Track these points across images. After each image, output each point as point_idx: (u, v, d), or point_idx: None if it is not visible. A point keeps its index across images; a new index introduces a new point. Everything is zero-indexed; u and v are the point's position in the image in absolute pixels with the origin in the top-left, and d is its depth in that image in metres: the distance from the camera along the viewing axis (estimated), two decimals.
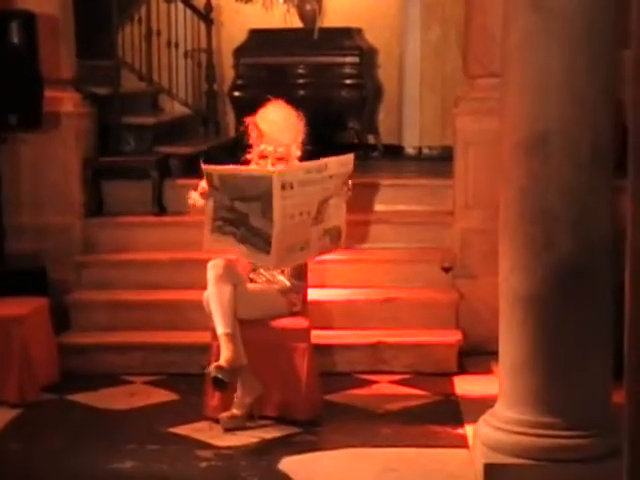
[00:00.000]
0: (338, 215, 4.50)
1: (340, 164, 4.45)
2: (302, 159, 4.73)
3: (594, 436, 3.81)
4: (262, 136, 4.71)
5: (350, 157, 4.47)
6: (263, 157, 4.72)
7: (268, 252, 4.31)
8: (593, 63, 3.79)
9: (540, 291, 3.83)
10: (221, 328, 4.51)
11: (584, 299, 3.84)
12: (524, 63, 3.84)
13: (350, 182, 4.52)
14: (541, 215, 3.82)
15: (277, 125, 4.72)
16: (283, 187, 4.22)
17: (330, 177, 4.39)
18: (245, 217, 4.32)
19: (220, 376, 4.40)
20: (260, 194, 4.24)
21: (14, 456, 4.42)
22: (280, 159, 4.69)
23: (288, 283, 4.82)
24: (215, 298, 4.53)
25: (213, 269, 4.58)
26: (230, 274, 4.58)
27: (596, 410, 3.85)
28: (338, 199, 4.48)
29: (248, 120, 4.79)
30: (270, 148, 4.69)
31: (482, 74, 5.68)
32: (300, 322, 4.79)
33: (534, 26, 3.80)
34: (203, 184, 4.48)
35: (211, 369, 4.43)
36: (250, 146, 4.80)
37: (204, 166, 4.40)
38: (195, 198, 4.58)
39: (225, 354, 4.46)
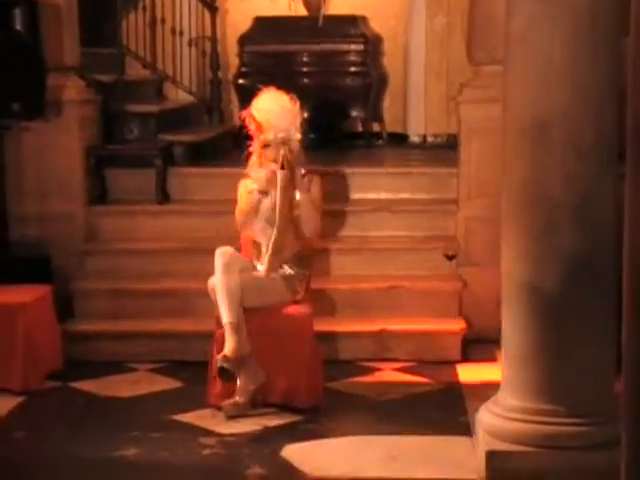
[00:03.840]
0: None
1: None
2: (305, 145, 4.78)
3: (596, 424, 3.80)
4: (261, 126, 4.75)
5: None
6: (266, 146, 4.75)
7: None
8: (597, 51, 3.77)
9: (543, 279, 3.82)
10: (226, 317, 4.53)
11: (587, 287, 3.83)
12: (527, 50, 3.82)
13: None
14: (544, 203, 3.81)
15: (273, 112, 4.77)
16: None
17: None
18: None
19: (226, 366, 4.44)
20: None
21: (18, 443, 4.44)
22: (283, 144, 4.71)
23: (291, 271, 4.82)
24: (221, 287, 4.55)
25: (221, 257, 4.60)
26: (237, 262, 4.61)
27: (598, 398, 3.85)
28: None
29: (244, 113, 4.84)
30: (270, 136, 4.73)
31: (486, 62, 5.66)
32: (303, 310, 4.79)
33: (537, 13, 3.77)
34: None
35: (217, 359, 4.45)
36: (251, 138, 4.84)
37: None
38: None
39: (230, 344, 4.49)
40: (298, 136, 4.81)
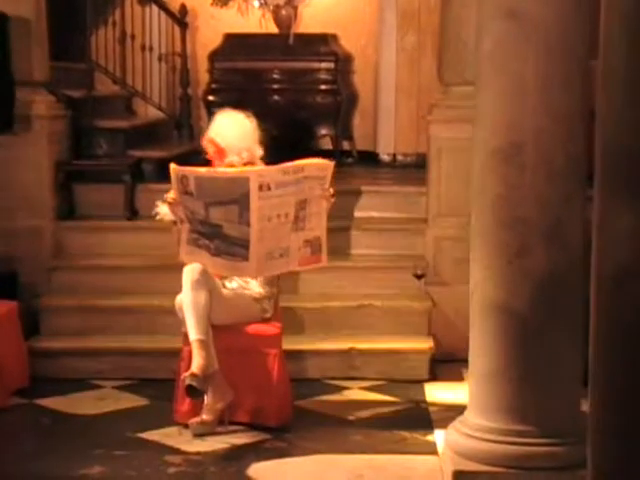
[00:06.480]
0: (319, 225, 4.49)
1: (318, 168, 4.45)
2: (267, 159, 4.78)
3: (564, 444, 3.80)
4: (223, 151, 4.74)
5: (329, 164, 4.49)
6: (230, 167, 4.74)
7: (246, 258, 4.28)
8: (568, 72, 3.78)
9: (512, 299, 3.82)
10: (194, 334, 4.50)
11: (556, 307, 3.84)
12: (498, 71, 3.83)
13: (332, 190, 4.52)
14: (515, 223, 3.81)
15: (233, 135, 4.77)
16: (260, 188, 4.22)
17: (305, 178, 4.38)
18: (219, 228, 4.29)
19: (194, 384, 4.40)
20: (237, 197, 4.22)
21: None
22: (247, 163, 4.72)
23: (260, 289, 4.81)
24: (190, 303, 4.52)
25: (189, 274, 4.56)
26: (206, 279, 4.57)
27: (566, 419, 3.85)
28: (319, 207, 4.46)
29: (205, 140, 4.83)
30: (235, 159, 4.73)
31: (456, 82, 5.69)
32: (271, 328, 4.78)
33: (508, 33, 3.78)
34: (171, 194, 4.45)
35: (185, 377, 4.42)
36: (209, 161, 4.83)
37: (179, 168, 4.37)
38: (164, 212, 4.55)
39: (197, 361, 4.45)
40: (260, 152, 4.82)
